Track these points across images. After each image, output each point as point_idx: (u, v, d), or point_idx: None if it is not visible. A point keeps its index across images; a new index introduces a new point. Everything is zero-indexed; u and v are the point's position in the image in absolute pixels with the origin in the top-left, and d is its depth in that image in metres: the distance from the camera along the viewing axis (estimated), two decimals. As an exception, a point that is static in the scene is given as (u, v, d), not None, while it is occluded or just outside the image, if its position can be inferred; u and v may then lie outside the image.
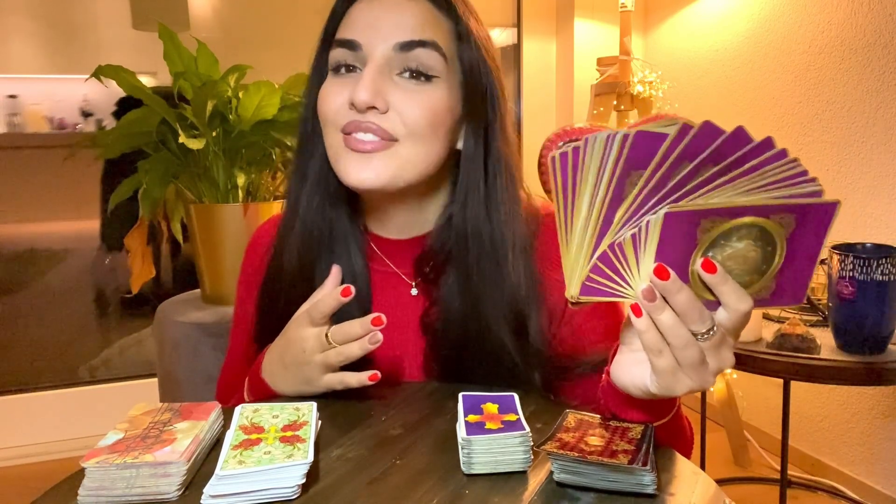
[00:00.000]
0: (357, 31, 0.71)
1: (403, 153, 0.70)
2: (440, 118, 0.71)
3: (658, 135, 0.47)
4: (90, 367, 2.54)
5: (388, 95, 0.69)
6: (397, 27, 0.69)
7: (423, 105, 0.70)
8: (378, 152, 0.69)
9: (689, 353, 0.52)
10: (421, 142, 0.70)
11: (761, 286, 0.52)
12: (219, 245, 1.40)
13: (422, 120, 0.70)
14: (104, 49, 2.53)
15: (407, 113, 0.69)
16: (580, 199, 0.51)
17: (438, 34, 0.71)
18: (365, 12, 0.71)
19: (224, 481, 0.54)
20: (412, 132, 0.70)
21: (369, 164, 0.70)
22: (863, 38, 1.77)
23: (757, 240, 0.50)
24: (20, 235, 2.57)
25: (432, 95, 0.70)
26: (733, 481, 1.96)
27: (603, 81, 2.13)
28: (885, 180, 1.74)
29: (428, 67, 0.70)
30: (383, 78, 0.69)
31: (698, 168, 0.48)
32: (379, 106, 0.68)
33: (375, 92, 0.68)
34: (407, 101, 0.69)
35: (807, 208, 0.51)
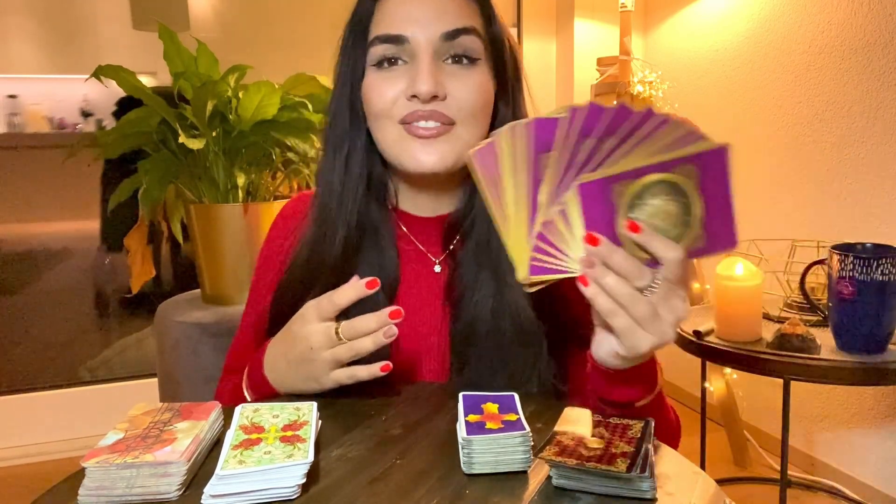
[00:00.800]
0: (400, 25, 0.74)
1: (463, 135, 0.75)
2: (487, 97, 0.77)
3: (553, 119, 0.53)
4: (90, 367, 2.54)
5: (444, 79, 0.74)
6: (440, 18, 0.74)
7: (474, 87, 0.75)
8: (441, 136, 0.74)
9: (640, 309, 0.57)
10: (475, 122, 0.76)
11: (692, 237, 0.57)
12: (219, 245, 1.40)
13: (475, 102, 0.75)
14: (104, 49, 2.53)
15: (462, 97, 0.74)
16: (505, 188, 0.56)
17: (474, 19, 0.76)
18: (402, 7, 0.75)
19: (224, 481, 0.54)
20: (468, 114, 0.75)
21: (434, 148, 0.74)
22: (863, 38, 1.77)
23: (669, 194, 0.55)
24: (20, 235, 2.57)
25: (479, 77, 0.76)
26: (733, 481, 1.96)
27: (603, 81, 2.13)
28: (885, 180, 1.74)
29: (472, 51, 0.75)
30: (436, 67, 0.74)
31: (599, 143, 0.54)
32: (440, 94, 0.73)
33: (436, 82, 0.73)
34: (460, 85, 0.74)
35: (702, 156, 0.55)
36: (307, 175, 1.49)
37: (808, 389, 1.98)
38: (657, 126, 0.54)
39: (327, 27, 0.84)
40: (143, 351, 2.60)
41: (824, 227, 1.91)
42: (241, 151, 1.39)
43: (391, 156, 0.77)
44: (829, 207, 1.90)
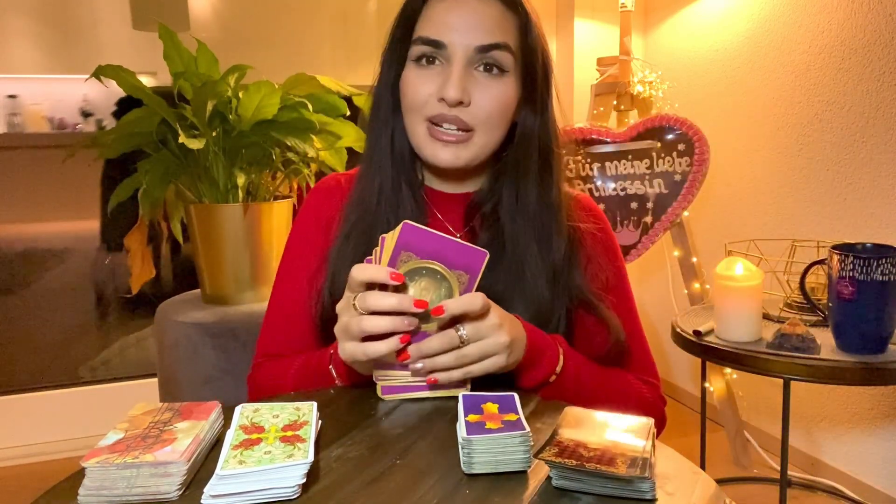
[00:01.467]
0: (441, 31, 0.81)
1: (478, 141, 0.83)
2: (507, 107, 0.83)
3: (416, 228, 0.70)
4: (90, 367, 2.54)
5: (471, 89, 0.81)
6: (476, 30, 0.80)
7: (496, 98, 0.82)
8: (459, 143, 0.82)
9: (471, 355, 0.71)
10: (491, 130, 0.83)
11: (456, 290, 0.71)
12: (219, 245, 1.40)
13: (494, 111, 0.82)
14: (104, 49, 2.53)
15: (483, 105, 0.81)
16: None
17: (508, 33, 0.82)
18: (444, 14, 0.81)
19: (224, 481, 0.54)
20: (485, 122, 0.82)
21: (451, 149, 0.83)
22: (863, 38, 1.77)
23: (426, 276, 0.71)
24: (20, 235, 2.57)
25: (504, 88, 0.82)
26: (733, 481, 1.96)
27: (603, 81, 2.13)
28: (885, 180, 1.74)
29: (501, 64, 0.81)
30: (467, 74, 0.81)
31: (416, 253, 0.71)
32: (465, 101, 0.80)
33: (463, 90, 0.80)
34: (484, 94, 0.81)
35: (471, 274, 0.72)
36: (307, 175, 1.49)
37: (808, 389, 1.98)
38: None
39: (327, 27, 0.85)
40: (143, 351, 2.60)
41: (824, 227, 1.91)
42: (241, 151, 1.39)
43: (416, 146, 0.85)
44: (829, 207, 1.90)
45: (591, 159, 1.99)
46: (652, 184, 1.95)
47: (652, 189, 1.95)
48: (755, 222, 2.14)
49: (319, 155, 1.42)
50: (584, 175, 2.00)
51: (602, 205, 2.00)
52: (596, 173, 2.00)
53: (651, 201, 1.96)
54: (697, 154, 1.90)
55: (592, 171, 2.00)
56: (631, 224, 1.98)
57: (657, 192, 1.95)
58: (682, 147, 1.91)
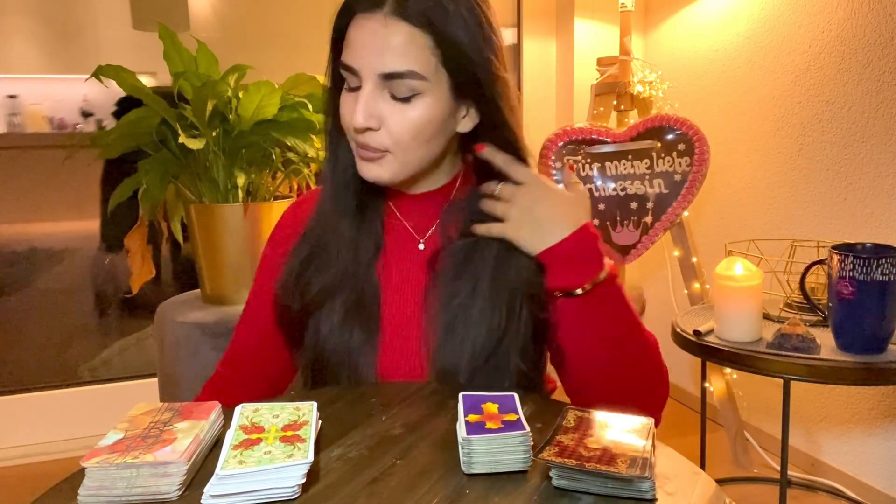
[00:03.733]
0: (353, 57, 0.78)
1: (399, 159, 0.81)
2: (426, 127, 0.80)
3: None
4: (90, 367, 2.54)
5: (380, 113, 0.78)
6: (380, 57, 0.76)
7: (407, 122, 0.79)
8: (378, 160, 0.81)
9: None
10: (410, 150, 0.81)
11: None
12: (219, 245, 1.40)
13: (406, 135, 0.79)
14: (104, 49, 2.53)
15: (395, 130, 0.79)
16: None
17: (418, 55, 0.76)
18: (356, 37, 0.78)
19: (224, 481, 0.54)
20: (401, 144, 0.79)
21: (376, 166, 0.82)
22: (863, 38, 1.77)
23: None
24: (20, 235, 2.56)
25: (415, 112, 0.79)
26: (733, 481, 1.96)
27: (603, 81, 2.13)
28: (885, 180, 1.74)
29: (409, 90, 0.78)
30: (376, 99, 0.78)
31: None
32: (372, 126, 0.79)
33: (368, 116, 0.78)
34: (396, 118, 0.78)
35: None
36: (307, 175, 1.49)
37: (808, 389, 1.98)
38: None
39: (327, 27, 0.84)
40: (143, 351, 2.60)
41: (824, 227, 1.91)
42: (241, 151, 1.39)
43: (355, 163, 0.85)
44: (829, 207, 1.90)
45: (591, 159, 1.99)
46: (652, 184, 1.95)
47: (652, 189, 1.95)
48: (755, 222, 2.14)
49: (319, 155, 1.42)
50: (584, 175, 2.00)
51: (602, 205, 2.00)
52: (596, 173, 1.99)
53: (651, 201, 1.96)
54: (697, 154, 1.90)
55: (592, 171, 2.00)
56: (631, 224, 1.98)
57: (657, 192, 1.95)
58: (682, 147, 1.91)
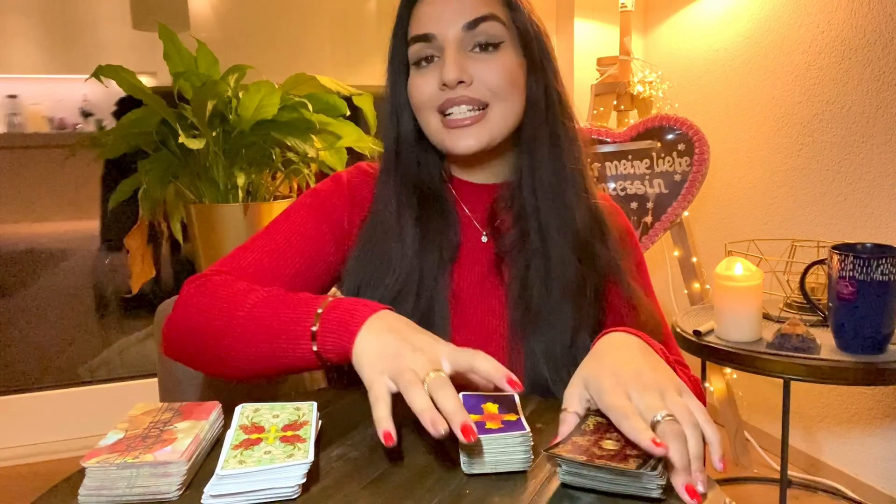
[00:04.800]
0: (427, 25, 0.81)
1: (494, 115, 0.82)
2: (514, 76, 0.82)
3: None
4: (90, 367, 2.54)
5: (470, 69, 0.80)
6: (461, 12, 0.80)
7: (500, 69, 0.81)
8: (474, 125, 0.81)
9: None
10: (506, 101, 0.82)
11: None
12: (219, 245, 1.40)
13: (502, 82, 0.81)
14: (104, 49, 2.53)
15: (489, 80, 0.81)
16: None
17: (494, 7, 0.82)
18: (428, 7, 0.82)
19: (224, 481, 0.54)
20: (497, 94, 0.81)
21: (469, 133, 0.81)
22: (863, 38, 1.77)
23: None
24: (20, 235, 2.56)
25: (504, 59, 0.82)
26: (733, 481, 1.96)
27: (603, 81, 2.13)
28: (885, 180, 1.74)
29: (494, 37, 0.81)
30: (462, 56, 0.81)
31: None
32: (465, 79, 0.80)
33: (460, 69, 0.80)
34: (486, 69, 0.81)
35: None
36: (307, 175, 1.49)
37: (808, 389, 1.98)
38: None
39: (327, 27, 0.85)
40: (143, 351, 2.60)
41: (824, 227, 1.91)
42: (241, 151, 1.39)
43: (437, 142, 0.85)
44: (829, 207, 1.90)
45: (590, 159, 1.99)
46: (652, 184, 1.95)
47: (652, 189, 1.95)
48: (755, 222, 2.14)
49: (319, 155, 1.42)
50: (584, 175, 2.00)
51: (602, 205, 2.00)
52: (596, 173, 1.99)
53: (651, 201, 1.96)
54: (697, 154, 1.90)
55: (592, 171, 2.00)
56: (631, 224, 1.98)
57: (657, 192, 1.95)
58: (682, 147, 1.91)
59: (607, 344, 0.68)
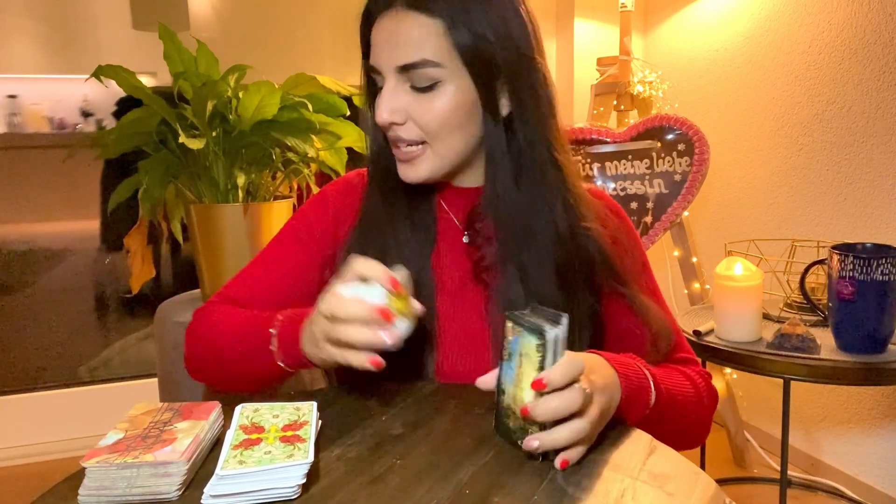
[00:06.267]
0: (374, 57, 0.79)
1: (438, 150, 0.80)
2: (451, 115, 0.78)
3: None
4: (90, 367, 2.54)
5: (406, 108, 0.78)
6: (394, 51, 0.77)
7: (432, 111, 0.78)
8: (418, 157, 0.80)
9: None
10: (444, 140, 0.79)
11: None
12: (219, 245, 1.40)
13: (434, 124, 0.78)
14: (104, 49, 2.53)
15: (422, 121, 0.78)
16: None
17: (429, 44, 0.76)
18: (375, 37, 0.79)
19: (224, 481, 0.54)
20: (431, 134, 0.79)
21: (412, 167, 0.81)
22: (863, 38, 1.77)
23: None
24: (20, 235, 2.57)
25: (438, 101, 0.77)
26: (733, 481, 1.96)
27: (603, 81, 2.13)
28: (885, 180, 1.74)
29: (427, 79, 0.77)
30: (399, 94, 0.78)
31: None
32: (396, 120, 0.78)
33: (391, 111, 0.78)
34: (420, 110, 0.78)
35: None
36: (307, 175, 1.49)
37: (808, 389, 1.98)
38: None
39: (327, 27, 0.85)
40: (143, 351, 2.60)
41: (824, 227, 1.91)
42: (241, 151, 1.39)
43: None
44: (829, 207, 1.90)
45: (591, 159, 1.99)
46: (652, 184, 1.95)
47: (652, 189, 1.95)
48: (755, 222, 2.14)
49: (319, 155, 1.42)
50: (583, 175, 2.00)
51: (602, 205, 2.00)
52: (596, 173, 1.99)
53: (651, 201, 1.96)
54: (697, 154, 1.90)
55: (592, 171, 2.00)
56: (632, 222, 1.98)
57: (657, 192, 1.95)
58: (682, 147, 1.91)
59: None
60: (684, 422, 0.80)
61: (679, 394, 0.78)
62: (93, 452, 0.57)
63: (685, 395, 0.80)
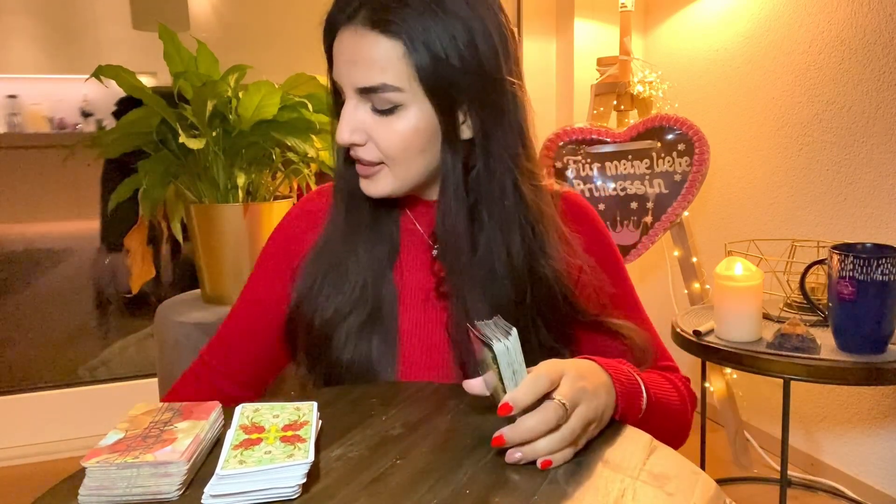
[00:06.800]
0: (336, 73, 0.77)
1: (396, 171, 0.78)
2: (411, 140, 0.76)
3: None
4: (90, 367, 2.54)
5: (365, 127, 0.76)
6: (354, 72, 0.74)
7: (392, 134, 0.75)
8: (377, 174, 0.78)
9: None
10: (402, 163, 0.77)
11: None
12: (219, 245, 1.40)
13: (393, 147, 0.76)
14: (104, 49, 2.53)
15: (381, 143, 0.76)
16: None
17: (390, 67, 0.72)
18: (336, 51, 0.76)
19: (225, 481, 0.54)
20: (390, 157, 0.76)
21: (373, 182, 0.79)
22: (863, 38, 1.77)
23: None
24: (20, 235, 2.57)
25: (399, 124, 0.75)
26: (733, 481, 1.96)
27: (603, 81, 2.13)
28: (885, 180, 1.74)
29: (387, 102, 0.74)
30: (359, 114, 0.76)
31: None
32: (357, 140, 0.76)
33: (351, 131, 0.76)
34: (379, 131, 0.75)
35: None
36: (307, 175, 1.49)
37: (808, 389, 1.98)
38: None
39: (327, 28, 0.84)
40: (143, 351, 2.60)
41: (824, 227, 1.91)
42: (241, 151, 1.39)
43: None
44: (829, 207, 1.90)
45: (591, 159, 1.99)
46: (652, 184, 1.95)
47: (652, 189, 1.95)
48: (755, 222, 2.14)
49: (319, 155, 1.42)
50: (584, 175, 2.00)
51: (602, 205, 2.00)
52: (596, 173, 2.00)
53: (651, 201, 1.96)
54: (697, 154, 1.90)
55: (592, 171, 2.00)
56: (631, 224, 1.98)
57: (657, 192, 1.95)
58: (682, 147, 1.91)
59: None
60: (669, 426, 0.80)
61: (665, 399, 0.79)
62: (93, 452, 0.57)
63: (671, 400, 0.80)
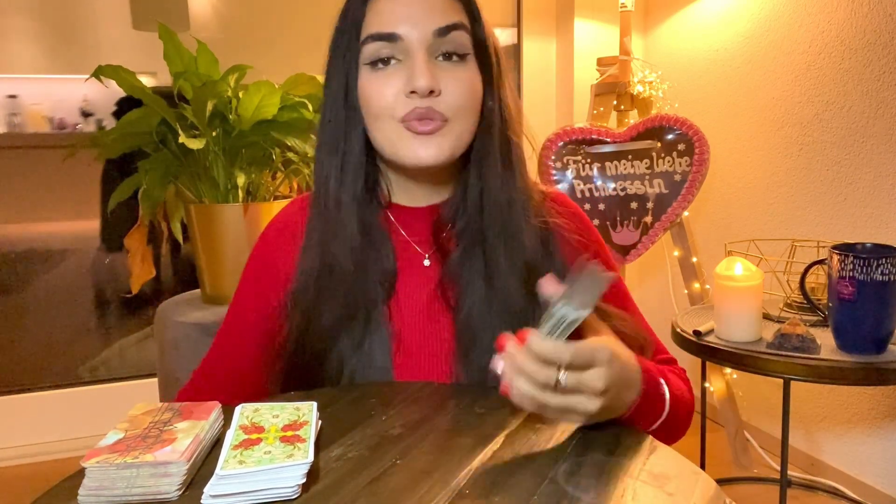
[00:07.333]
0: (392, 23, 0.75)
1: (456, 129, 0.77)
2: (476, 92, 0.78)
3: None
4: (90, 367, 2.54)
5: (438, 79, 0.75)
6: (431, 15, 0.75)
7: (465, 84, 0.77)
8: (437, 132, 0.76)
9: (553, 403, 0.64)
10: (466, 118, 0.78)
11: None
12: (219, 245, 1.40)
13: (466, 98, 0.77)
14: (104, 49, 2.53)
15: (456, 93, 0.76)
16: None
17: (461, 16, 0.78)
18: (394, 6, 0.76)
19: (224, 481, 0.54)
20: (458, 111, 0.76)
21: (432, 142, 0.76)
22: (863, 38, 1.77)
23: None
24: (20, 235, 2.56)
25: (468, 73, 0.78)
26: (733, 481, 1.96)
27: (603, 81, 2.13)
28: (885, 180, 1.74)
29: (461, 47, 0.77)
30: (431, 63, 0.76)
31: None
32: (436, 89, 0.75)
33: (432, 77, 0.74)
34: (453, 81, 0.76)
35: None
36: (307, 175, 1.49)
37: (808, 389, 1.98)
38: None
39: (327, 27, 0.84)
40: (143, 351, 2.60)
41: (824, 227, 1.91)
42: (241, 151, 1.39)
43: (390, 153, 0.79)
44: (829, 207, 1.90)
45: (591, 159, 1.99)
46: (652, 184, 1.95)
47: (652, 189, 1.95)
48: (755, 222, 2.14)
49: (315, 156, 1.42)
50: (584, 175, 2.00)
51: (602, 205, 2.00)
52: (596, 173, 1.99)
53: (651, 201, 1.96)
54: (697, 154, 1.90)
55: (592, 171, 2.00)
56: (631, 224, 1.98)
57: (657, 192, 1.95)
58: (682, 147, 1.91)
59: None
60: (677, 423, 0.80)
61: (681, 399, 0.78)
62: (93, 452, 0.57)
63: (686, 400, 0.80)
